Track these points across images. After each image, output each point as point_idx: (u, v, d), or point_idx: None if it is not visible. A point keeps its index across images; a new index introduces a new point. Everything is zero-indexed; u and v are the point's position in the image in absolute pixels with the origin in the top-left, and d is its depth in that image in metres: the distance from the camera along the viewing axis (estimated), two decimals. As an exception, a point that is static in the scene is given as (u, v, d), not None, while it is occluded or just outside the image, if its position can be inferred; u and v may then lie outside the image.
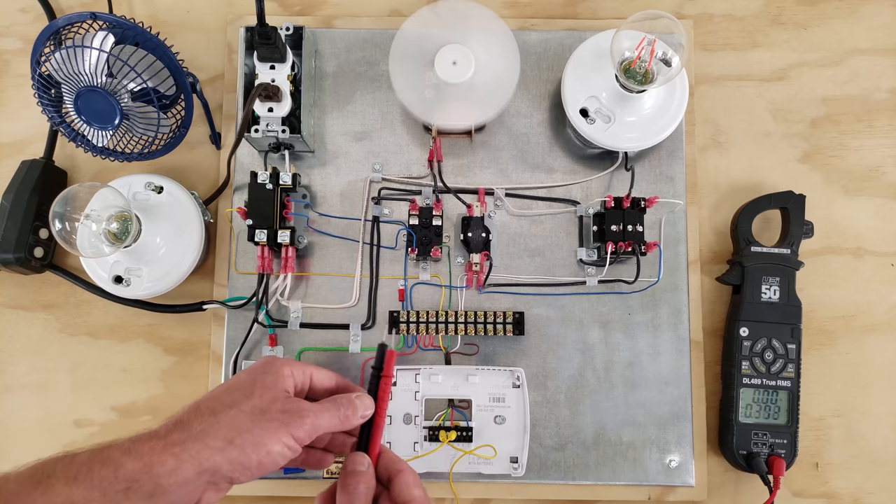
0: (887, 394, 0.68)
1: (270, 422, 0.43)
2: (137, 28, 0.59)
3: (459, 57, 0.62)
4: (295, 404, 0.45)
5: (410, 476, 0.45)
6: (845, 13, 0.73)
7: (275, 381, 0.46)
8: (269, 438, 0.43)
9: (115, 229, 0.60)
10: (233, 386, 0.45)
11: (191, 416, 0.43)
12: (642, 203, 0.63)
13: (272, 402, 0.44)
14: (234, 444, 0.42)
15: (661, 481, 0.64)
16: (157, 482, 0.39)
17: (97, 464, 0.39)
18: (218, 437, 0.42)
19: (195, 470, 0.40)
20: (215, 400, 0.44)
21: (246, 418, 0.43)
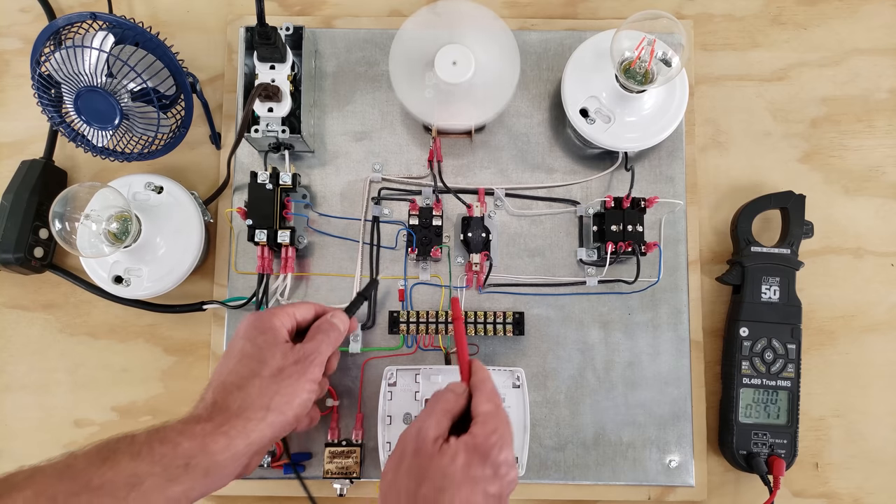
0: (887, 394, 0.68)
1: (290, 376, 0.48)
2: (137, 28, 0.59)
3: (459, 57, 0.62)
4: (302, 352, 0.50)
5: (485, 394, 0.49)
6: (845, 13, 0.73)
7: (275, 339, 0.50)
8: (295, 391, 0.48)
9: (115, 229, 0.60)
10: (242, 357, 0.49)
11: (224, 396, 0.47)
12: (642, 203, 0.63)
13: (283, 358, 0.49)
14: (271, 409, 0.46)
15: (661, 481, 0.65)
16: (212, 459, 0.44)
17: (156, 442, 0.43)
18: (257, 408, 0.46)
19: (244, 443, 0.45)
20: (235, 374, 0.48)
21: (271, 382, 0.47)
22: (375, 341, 0.66)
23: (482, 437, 0.46)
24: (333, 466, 0.62)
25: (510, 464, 0.47)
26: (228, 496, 0.66)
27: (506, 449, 0.47)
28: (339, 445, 0.62)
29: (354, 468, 0.62)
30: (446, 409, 0.48)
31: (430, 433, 0.46)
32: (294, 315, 0.53)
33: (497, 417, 0.48)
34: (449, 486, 0.44)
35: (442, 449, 0.46)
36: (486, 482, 0.45)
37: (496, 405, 0.49)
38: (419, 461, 0.46)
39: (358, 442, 0.63)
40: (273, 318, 0.51)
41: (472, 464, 0.45)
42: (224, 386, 0.47)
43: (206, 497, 0.65)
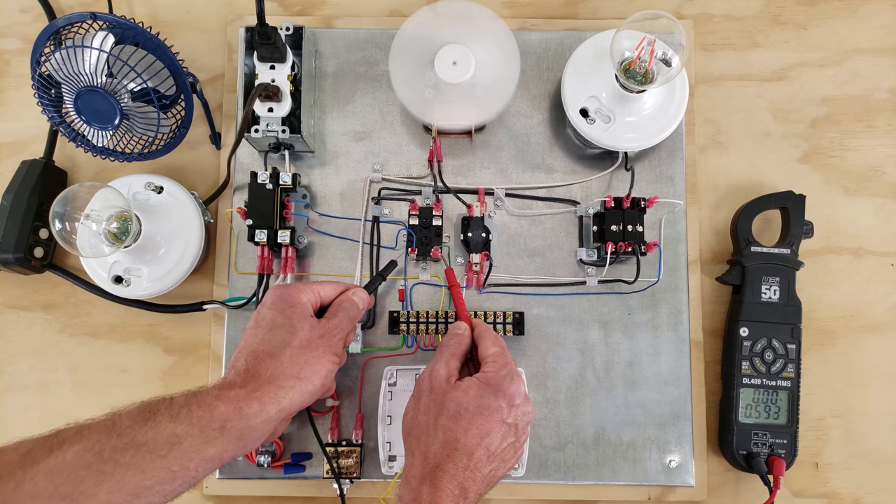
0: (887, 394, 0.68)
1: (317, 349, 0.51)
2: (137, 28, 0.59)
3: (459, 57, 0.62)
4: (326, 327, 0.53)
5: (490, 339, 0.55)
6: (845, 13, 0.73)
7: (303, 313, 0.52)
8: (322, 362, 0.51)
9: (115, 229, 0.60)
10: (273, 326, 0.51)
11: (256, 364, 0.49)
12: (642, 203, 0.63)
13: (311, 331, 0.51)
14: (301, 378, 0.49)
15: (661, 481, 0.65)
16: (246, 423, 0.46)
17: (194, 405, 0.45)
18: (288, 377, 0.49)
19: (276, 408, 0.47)
20: (267, 343, 0.50)
21: (301, 353, 0.50)
22: (375, 341, 0.66)
23: (492, 373, 0.51)
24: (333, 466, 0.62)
25: (523, 395, 0.51)
26: (228, 496, 0.66)
27: (516, 381, 0.51)
28: (339, 445, 0.62)
29: (354, 468, 0.62)
30: (452, 352, 0.54)
31: (442, 373, 0.52)
32: (318, 293, 0.55)
33: (504, 356, 0.53)
34: (465, 414, 0.49)
35: (455, 384, 0.51)
36: (500, 412, 0.49)
37: (501, 347, 0.54)
38: (435, 396, 0.51)
39: (358, 442, 0.63)
40: (300, 294, 0.53)
41: (484, 395, 0.49)
42: (256, 354, 0.49)
43: (205, 497, 0.66)
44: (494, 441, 0.49)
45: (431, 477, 0.47)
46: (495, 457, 0.49)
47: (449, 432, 0.48)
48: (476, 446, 0.48)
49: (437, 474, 0.47)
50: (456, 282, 0.62)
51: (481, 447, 0.48)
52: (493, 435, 0.49)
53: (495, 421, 0.49)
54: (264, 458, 0.62)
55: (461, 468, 0.47)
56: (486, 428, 0.48)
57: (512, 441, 0.50)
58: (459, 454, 0.47)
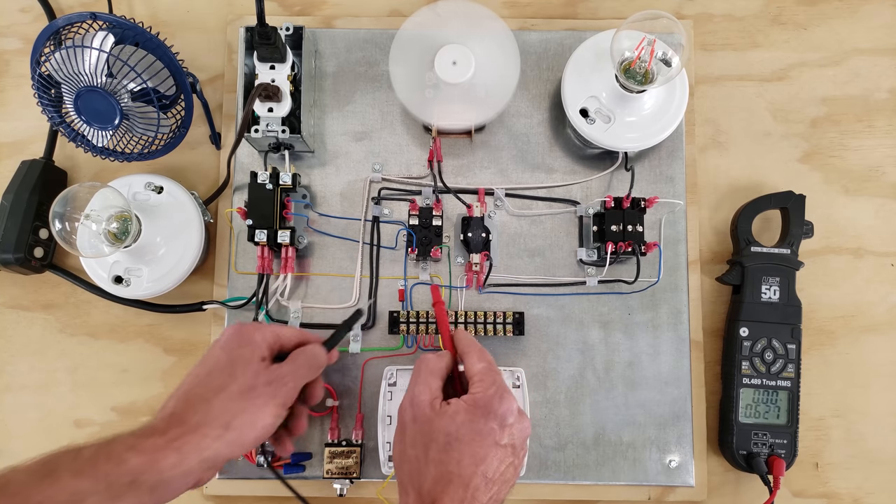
0: (887, 394, 0.68)
1: (259, 397, 0.45)
2: (137, 28, 0.59)
3: (459, 57, 0.62)
4: (276, 373, 0.47)
5: (475, 355, 0.50)
6: (845, 13, 0.73)
7: (251, 355, 0.47)
8: (261, 413, 0.45)
9: (115, 229, 0.60)
10: (214, 367, 0.47)
11: (185, 408, 0.44)
12: (642, 203, 0.63)
13: (255, 376, 0.46)
14: (231, 427, 0.44)
15: (661, 481, 0.65)
16: (160, 476, 0.41)
17: (102, 458, 0.41)
18: (215, 426, 0.44)
19: (197, 459, 0.43)
20: (203, 386, 0.46)
21: (237, 399, 0.45)
22: (375, 341, 0.66)
23: (480, 393, 0.47)
24: (333, 466, 0.62)
25: (515, 412, 0.47)
26: (229, 496, 0.66)
27: (506, 399, 0.47)
28: (339, 445, 0.62)
29: (354, 468, 0.62)
30: (431, 370, 0.49)
31: (424, 397, 0.48)
32: (278, 335, 0.50)
33: (491, 373, 0.49)
34: (455, 444, 0.45)
35: (440, 410, 0.47)
36: (493, 434, 0.46)
37: (488, 362, 0.50)
38: (420, 427, 0.47)
39: (358, 442, 0.63)
40: (255, 333, 0.49)
41: (474, 419, 0.46)
42: (188, 397, 0.45)
43: (205, 497, 0.66)
44: (492, 466, 0.46)
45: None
46: (494, 481, 0.46)
47: (441, 465, 0.45)
48: (472, 475, 0.45)
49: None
50: (440, 299, 0.58)
51: (477, 475, 0.45)
52: (488, 460, 0.46)
53: (489, 445, 0.46)
54: (264, 458, 0.62)
55: (458, 500, 0.44)
56: (481, 455, 0.45)
57: (510, 461, 0.47)
58: (455, 487, 0.44)
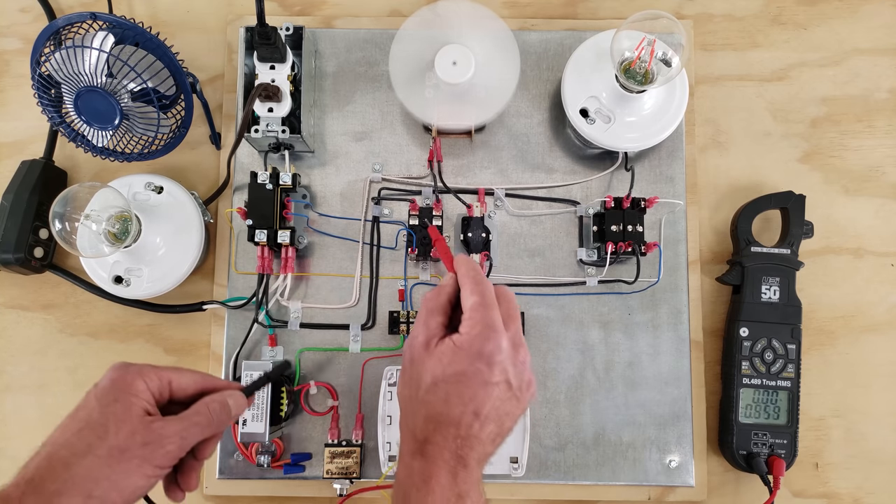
0: (887, 394, 0.68)
1: (131, 461, 0.41)
2: (137, 28, 0.59)
3: (459, 57, 0.62)
4: (156, 432, 0.42)
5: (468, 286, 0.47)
6: (845, 13, 0.73)
7: (128, 409, 0.42)
8: (131, 478, 0.41)
9: (115, 229, 0.60)
10: (85, 424, 0.42)
11: (44, 474, 0.40)
12: (642, 203, 0.63)
13: (130, 436, 0.41)
14: (93, 496, 0.40)
15: (661, 481, 0.64)
16: None
17: None
18: (74, 495, 0.39)
19: None
20: (68, 447, 0.41)
21: (103, 464, 0.40)
22: (375, 341, 0.66)
23: (465, 334, 0.45)
24: (334, 466, 0.62)
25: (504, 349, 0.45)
26: (228, 496, 0.66)
27: (491, 339, 0.44)
28: (339, 445, 0.62)
29: (354, 468, 0.62)
30: (430, 308, 0.47)
31: (420, 339, 0.46)
32: (168, 381, 0.45)
33: (481, 309, 0.46)
34: (442, 384, 0.44)
35: (431, 351, 0.45)
36: (479, 375, 0.44)
37: (480, 295, 0.46)
38: (414, 368, 0.46)
39: (358, 442, 0.63)
40: (137, 380, 0.43)
41: (458, 360, 0.44)
42: (50, 459, 0.40)
43: (205, 497, 0.66)
44: (484, 404, 0.44)
45: (421, 451, 0.44)
46: (490, 417, 0.44)
47: (429, 406, 0.44)
48: (461, 415, 0.44)
49: (426, 448, 0.44)
50: (440, 235, 0.56)
51: (467, 414, 0.44)
52: (478, 399, 0.44)
53: (477, 385, 0.44)
54: (264, 458, 0.62)
55: (451, 438, 0.43)
56: (468, 395, 0.44)
57: (508, 395, 0.45)
58: (445, 426, 0.44)
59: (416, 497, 0.43)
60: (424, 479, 0.43)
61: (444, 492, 0.42)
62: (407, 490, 0.43)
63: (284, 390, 0.61)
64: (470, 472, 0.43)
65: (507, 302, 0.47)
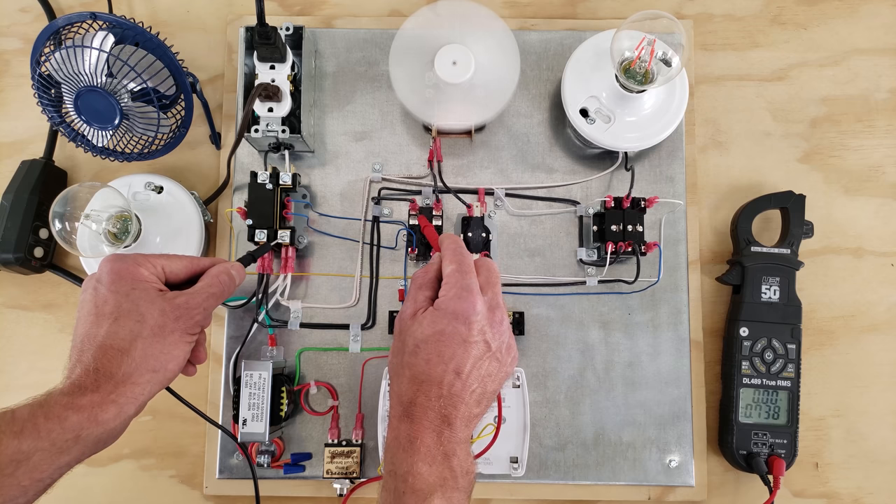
0: (887, 394, 0.68)
1: (172, 334, 0.47)
2: (137, 28, 0.59)
3: (459, 57, 0.62)
4: (182, 306, 0.48)
5: (448, 257, 0.49)
6: (845, 13, 0.73)
7: (148, 292, 0.47)
8: (177, 348, 0.47)
9: (115, 229, 0.60)
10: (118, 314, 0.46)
11: (107, 362, 0.45)
12: (642, 203, 0.63)
13: (162, 314, 0.47)
14: (157, 371, 0.46)
15: (661, 481, 0.65)
16: (104, 427, 0.43)
17: (41, 417, 0.42)
18: (143, 372, 0.45)
19: (135, 406, 0.45)
20: (115, 336, 0.45)
21: (152, 343, 0.46)
22: (375, 341, 0.66)
23: (442, 298, 0.47)
24: (334, 466, 0.62)
25: (479, 310, 0.46)
26: (228, 496, 0.66)
27: (466, 300, 0.46)
28: (339, 445, 0.62)
29: (354, 468, 0.62)
30: (418, 284, 0.50)
31: (407, 312, 0.49)
32: (163, 268, 0.49)
33: (457, 275, 0.48)
34: (423, 346, 0.46)
35: (414, 318, 0.48)
36: (457, 334, 0.46)
37: (458, 263, 0.49)
38: (401, 337, 0.48)
39: (358, 442, 0.63)
40: (139, 268, 0.48)
41: (437, 322, 0.46)
42: (104, 349, 0.45)
43: (205, 497, 0.66)
44: (464, 362, 0.45)
45: (407, 414, 0.45)
46: (472, 376, 0.46)
47: (413, 367, 0.46)
48: (443, 373, 0.45)
49: (411, 410, 0.45)
50: (428, 222, 0.61)
51: (448, 372, 0.45)
52: (458, 357, 0.45)
53: (456, 344, 0.45)
54: (264, 458, 0.62)
55: (434, 398, 0.45)
56: (448, 354, 0.45)
57: (488, 355, 0.47)
58: (427, 385, 0.45)
59: (403, 458, 0.44)
60: (410, 440, 0.44)
61: (429, 451, 0.44)
62: (395, 452, 0.45)
63: (284, 390, 0.61)
64: (455, 432, 0.45)
65: (486, 270, 0.50)
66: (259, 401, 0.60)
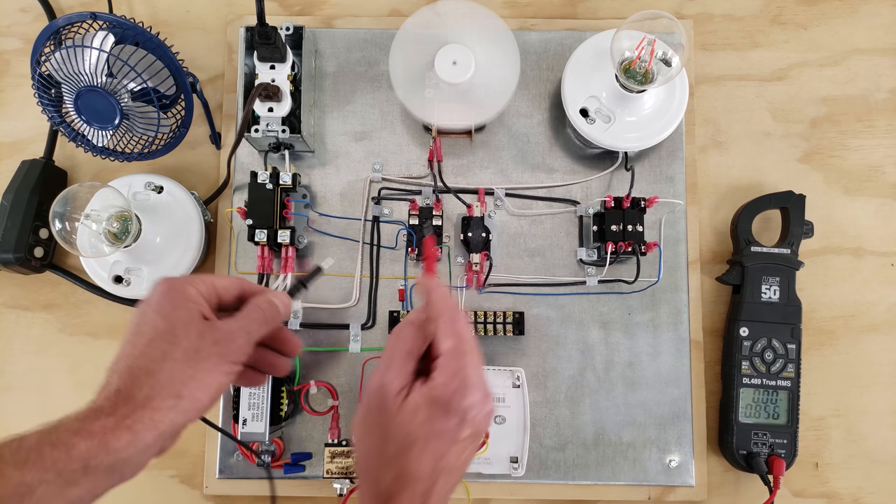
0: (887, 394, 0.68)
1: (208, 359, 0.42)
2: (137, 28, 0.59)
3: (459, 57, 0.62)
4: (222, 330, 0.43)
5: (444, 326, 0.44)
6: (845, 13, 0.73)
7: (190, 314, 0.43)
8: (212, 375, 0.42)
9: (115, 229, 0.60)
10: (154, 335, 0.43)
11: (131, 384, 0.41)
12: (642, 203, 0.63)
13: (200, 337, 0.42)
14: (182, 397, 0.41)
15: (661, 481, 0.65)
16: (115, 457, 0.39)
17: (47, 446, 0.38)
18: (166, 396, 0.41)
19: (152, 435, 0.40)
20: (144, 357, 0.42)
21: (185, 366, 0.42)
22: (375, 341, 0.66)
23: (441, 386, 0.43)
24: (334, 466, 0.62)
25: (478, 403, 0.43)
26: (228, 496, 0.66)
27: (470, 393, 0.43)
28: (339, 445, 0.62)
29: (354, 468, 0.62)
30: (406, 350, 0.45)
31: (393, 386, 0.43)
32: (214, 286, 0.46)
33: (457, 356, 0.43)
34: (414, 445, 0.42)
35: (403, 404, 0.43)
36: (452, 432, 0.43)
37: (458, 339, 0.44)
38: (382, 419, 0.43)
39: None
40: (189, 288, 0.44)
41: (434, 417, 0.42)
42: (131, 371, 0.42)
43: (205, 497, 0.66)
44: (450, 460, 0.43)
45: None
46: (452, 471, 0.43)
47: (400, 466, 0.42)
48: (431, 471, 0.42)
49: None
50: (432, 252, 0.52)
51: (436, 471, 0.42)
52: (447, 456, 0.43)
53: (448, 442, 0.43)
54: (264, 458, 0.62)
55: (418, 495, 0.42)
56: (440, 452, 0.42)
57: (472, 447, 0.44)
58: (414, 483, 0.42)
59: None
60: None
61: None
62: None
63: (284, 390, 0.61)
64: None
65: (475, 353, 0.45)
66: (259, 401, 0.60)
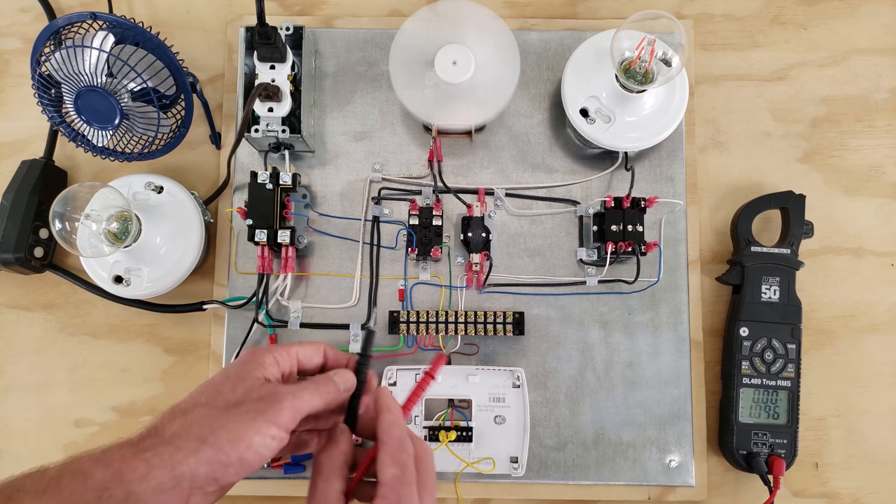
0: (887, 394, 0.68)
1: (246, 413, 0.40)
2: (137, 28, 0.59)
3: (459, 57, 0.62)
4: (270, 390, 0.42)
5: (388, 452, 0.42)
6: (845, 13, 0.73)
7: (250, 371, 0.43)
8: (247, 430, 0.40)
9: (115, 229, 0.60)
10: (210, 384, 0.43)
11: (164, 420, 0.41)
12: (642, 203, 0.63)
13: (246, 392, 0.41)
14: (207, 442, 0.39)
15: (661, 481, 0.65)
16: (128, 489, 0.37)
17: (66, 476, 0.37)
18: (190, 438, 0.39)
19: (168, 474, 0.38)
20: (190, 400, 0.42)
21: (218, 414, 0.40)
22: (375, 341, 0.66)
23: None
24: (333, 466, 0.62)
25: None
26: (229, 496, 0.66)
27: None
28: (339, 445, 0.62)
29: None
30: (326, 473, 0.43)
31: None
32: (295, 355, 0.46)
33: (398, 487, 0.41)
34: None
35: None
36: None
37: (401, 467, 0.41)
38: None
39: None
40: (266, 355, 0.44)
41: None
42: (172, 410, 0.41)
43: (206, 497, 0.65)
44: None
45: None
46: None
47: None
48: None
49: None
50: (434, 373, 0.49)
51: None
52: None
53: None
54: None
55: None
56: None
57: None
58: None
59: None
60: None
61: None
62: None
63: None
64: None
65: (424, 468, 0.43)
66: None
